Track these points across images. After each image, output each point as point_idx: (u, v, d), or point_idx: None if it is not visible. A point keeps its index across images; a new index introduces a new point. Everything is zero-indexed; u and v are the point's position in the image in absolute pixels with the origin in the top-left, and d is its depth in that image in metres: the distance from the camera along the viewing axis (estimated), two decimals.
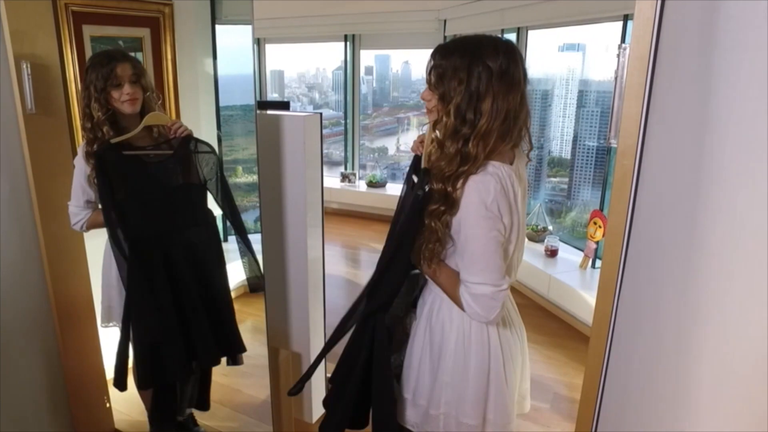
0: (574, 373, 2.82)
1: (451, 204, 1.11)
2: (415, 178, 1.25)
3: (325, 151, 6.91)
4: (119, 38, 2.48)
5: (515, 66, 1.09)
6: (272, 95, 7.09)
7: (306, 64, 7.10)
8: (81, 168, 1.68)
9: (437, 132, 1.14)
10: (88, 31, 2.29)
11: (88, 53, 2.29)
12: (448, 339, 1.26)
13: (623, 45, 0.94)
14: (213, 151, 1.81)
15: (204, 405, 2.16)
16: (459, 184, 1.10)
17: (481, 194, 1.09)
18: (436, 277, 1.23)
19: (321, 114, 1.76)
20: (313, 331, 2.01)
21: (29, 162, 1.76)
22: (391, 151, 6.44)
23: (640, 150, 0.91)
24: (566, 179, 4.28)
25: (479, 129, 1.07)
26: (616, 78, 0.95)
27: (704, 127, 0.85)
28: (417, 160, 1.29)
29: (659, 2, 0.83)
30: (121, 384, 1.78)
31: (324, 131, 6.86)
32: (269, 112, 1.85)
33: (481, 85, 1.07)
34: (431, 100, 1.16)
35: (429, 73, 1.15)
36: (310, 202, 1.86)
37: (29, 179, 1.79)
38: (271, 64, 6.63)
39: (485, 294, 1.11)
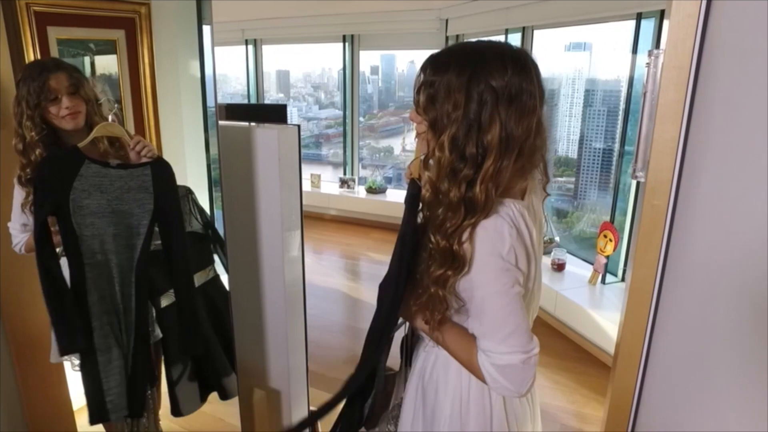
0: (584, 401, 2.61)
1: (460, 264, 0.88)
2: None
3: (330, 151, 6.88)
4: (90, 41, 2.30)
5: (529, 83, 0.85)
6: (278, 95, 7.03)
7: (311, 64, 7.11)
8: (18, 192, 1.53)
9: (429, 171, 0.91)
10: (54, 33, 2.11)
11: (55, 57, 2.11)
12: (442, 403, 1.06)
13: (656, 51, 0.71)
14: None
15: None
16: (465, 236, 0.87)
17: (495, 244, 0.86)
18: (443, 343, 1.01)
19: (299, 126, 1.57)
20: (294, 364, 1.81)
21: None
22: (397, 151, 6.38)
23: (676, 187, 0.70)
24: (572, 179, 4.23)
25: (486, 171, 0.85)
26: (644, 93, 0.74)
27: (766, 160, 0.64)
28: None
29: None
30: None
31: (329, 131, 6.79)
32: (266, 126, 1.66)
33: (483, 111, 0.84)
34: (421, 123, 0.93)
35: (417, 92, 0.91)
36: (286, 220, 1.66)
37: None
38: (277, 64, 6.61)
39: (514, 364, 0.88)
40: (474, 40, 0.93)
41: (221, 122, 1.60)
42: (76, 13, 2.18)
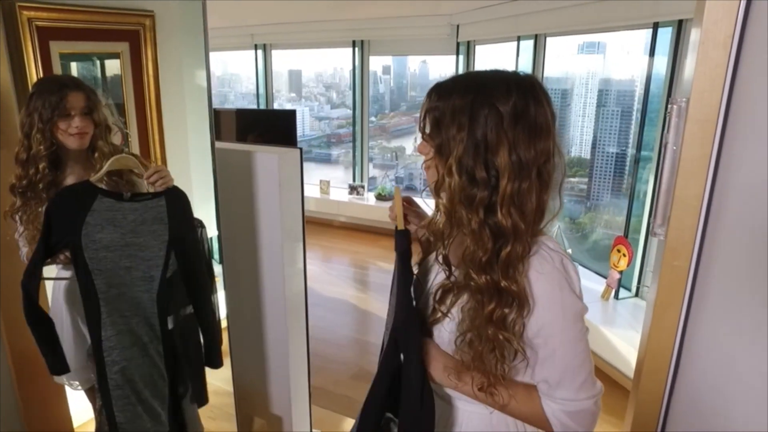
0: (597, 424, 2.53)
1: (522, 302, 0.82)
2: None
3: (341, 151, 6.88)
4: (93, 54, 2.28)
5: (537, 105, 0.82)
6: (290, 95, 7.07)
7: (323, 64, 7.11)
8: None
9: (442, 197, 0.89)
10: (57, 47, 2.09)
11: (57, 72, 2.09)
12: None
13: (679, 100, 0.65)
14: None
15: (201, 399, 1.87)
16: (518, 272, 0.82)
17: (567, 279, 0.82)
18: (496, 402, 0.91)
19: (301, 149, 1.53)
20: (296, 386, 1.77)
21: None
22: (409, 151, 6.41)
23: (698, 248, 0.64)
24: (585, 179, 4.21)
25: (503, 191, 0.81)
26: (665, 145, 0.68)
27: None
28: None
29: (736, 44, 0.56)
30: None
31: (341, 131, 6.87)
32: (267, 149, 1.61)
33: (489, 132, 0.81)
34: (429, 153, 0.91)
35: (423, 119, 0.90)
36: (286, 238, 1.62)
37: None
38: (288, 64, 6.62)
39: (588, 409, 0.86)
40: (483, 69, 0.90)
41: (220, 144, 1.56)
42: (79, 27, 2.15)
